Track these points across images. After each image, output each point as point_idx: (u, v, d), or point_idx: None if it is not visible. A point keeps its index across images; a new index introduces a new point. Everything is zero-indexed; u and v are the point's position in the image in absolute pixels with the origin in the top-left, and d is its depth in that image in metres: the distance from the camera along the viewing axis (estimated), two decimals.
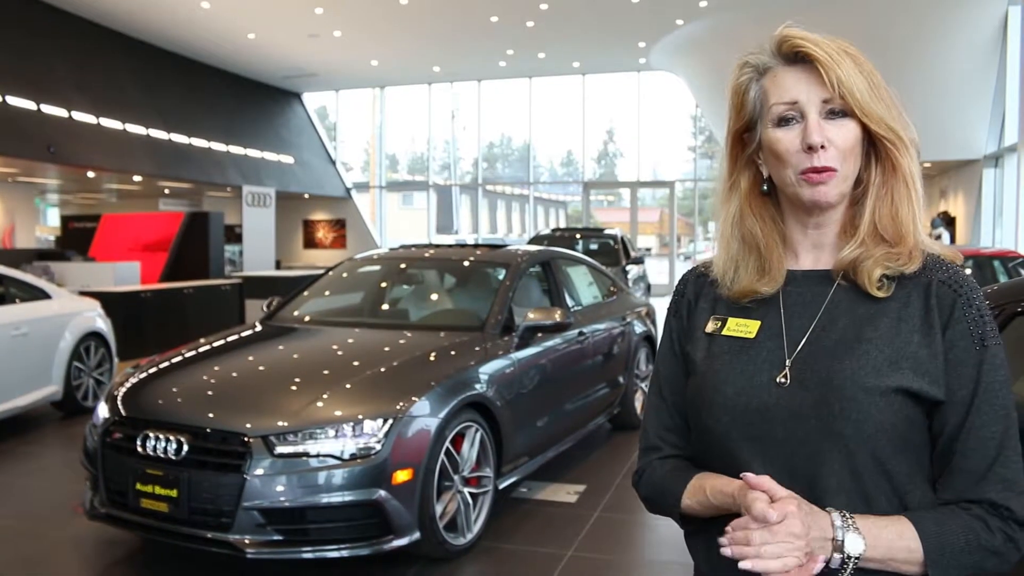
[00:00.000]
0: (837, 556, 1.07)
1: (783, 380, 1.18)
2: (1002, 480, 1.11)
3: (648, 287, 14.97)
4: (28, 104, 13.61)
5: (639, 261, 14.26)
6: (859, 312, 1.19)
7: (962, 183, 18.29)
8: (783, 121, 1.19)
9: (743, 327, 1.26)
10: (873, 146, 1.20)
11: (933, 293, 1.16)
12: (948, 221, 18.15)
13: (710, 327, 1.30)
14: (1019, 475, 1.12)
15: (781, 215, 1.28)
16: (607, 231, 14.85)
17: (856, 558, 1.07)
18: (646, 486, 1.35)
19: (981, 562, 1.09)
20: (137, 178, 17.42)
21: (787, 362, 1.19)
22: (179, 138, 17.49)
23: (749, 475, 1.09)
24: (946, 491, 1.14)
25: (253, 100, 21.66)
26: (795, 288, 1.25)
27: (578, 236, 14.34)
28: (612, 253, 13.48)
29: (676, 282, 1.46)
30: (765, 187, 1.27)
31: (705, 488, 1.21)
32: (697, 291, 1.36)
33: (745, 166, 1.28)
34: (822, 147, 1.15)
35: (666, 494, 1.29)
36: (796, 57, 1.19)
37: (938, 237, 16.70)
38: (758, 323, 1.25)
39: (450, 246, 6.61)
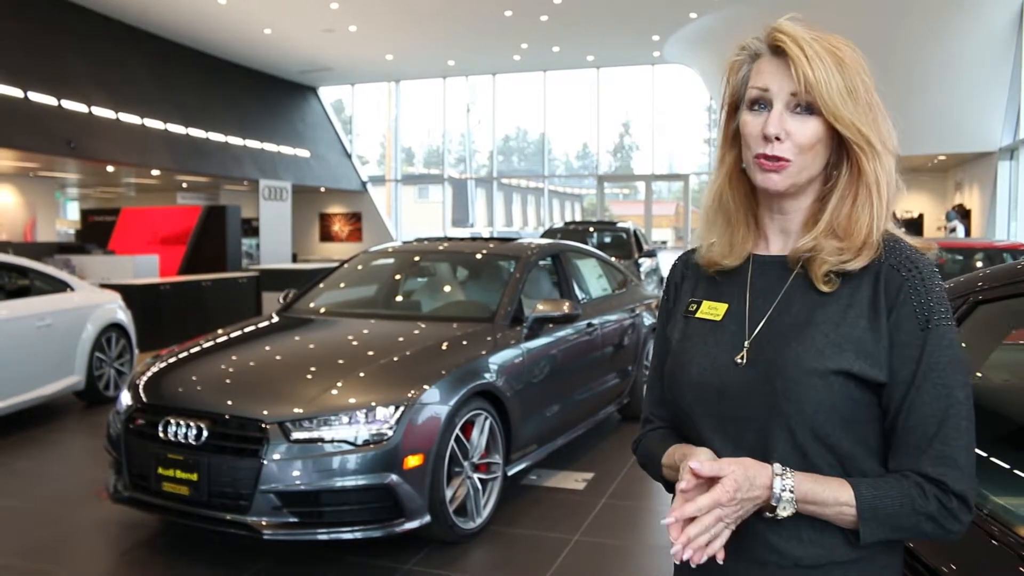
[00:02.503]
0: (768, 515, 1.19)
1: (740, 361, 1.28)
2: (940, 456, 1.17)
3: (661, 280, 15.00)
4: (49, 100, 13.82)
5: (652, 254, 14.31)
6: (813, 297, 1.27)
7: (977, 176, 18.23)
8: (754, 105, 1.27)
9: (713, 310, 1.36)
10: (846, 146, 1.26)
11: (882, 278, 1.23)
12: (963, 214, 18.10)
13: (687, 310, 1.41)
14: (958, 452, 1.17)
15: (756, 197, 1.36)
16: (620, 224, 14.91)
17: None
18: (640, 454, 1.48)
19: (917, 525, 1.17)
20: (155, 172, 17.63)
21: (745, 344, 1.29)
22: (196, 133, 17.67)
23: (693, 464, 1.17)
24: (890, 464, 1.23)
25: (269, 95, 21.83)
26: (761, 273, 1.34)
27: (591, 229, 14.38)
28: (624, 246, 13.54)
29: None
30: (744, 164, 1.33)
31: (675, 455, 1.33)
32: (683, 275, 1.47)
33: (732, 144, 1.36)
34: (777, 138, 1.23)
35: (654, 460, 1.42)
36: (779, 48, 1.26)
37: (952, 230, 16.71)
38: (726, 306, 1.35)
39: (463, 239, 6.72)
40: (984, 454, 1.95)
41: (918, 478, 1.18)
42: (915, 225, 19.61)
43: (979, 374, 2.23)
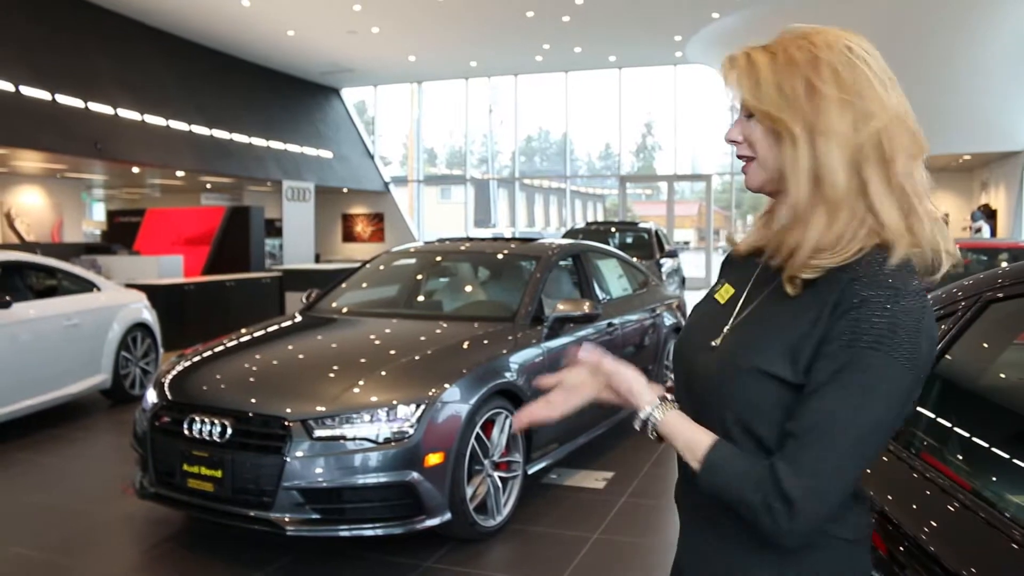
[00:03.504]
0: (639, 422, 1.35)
1: (715, 344, 1.36)
2: (794, 459, 1.17)
3: (683, 280, 14.97)
4: (76, 102, 14.00)
5: (673, 254, 14.28)
6: (779, 297, 1.29)
7: (1003, 175, 18.04)
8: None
9: (725, 293, 1.44)
10: None
11: (840, 290, 1.21)
12: (989, 214, 17.92)
13: (712, 289, 1.51)
14: (817, 463, 1.16)
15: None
16: (641, 225, 14.91)
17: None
18: None
19: (737, 502, 1.20)
20: (180, 173, 17.81)
21: (724, 330, 1.36)
22: (220, 134, 17.83)
23: (583, 353, 1.40)
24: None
25: (292, 96, 21.98)
26: (767, 266, 1.37)
27: (613, 230, 14.38)
28: (646, 246, 13.54)
29: (714, 275, 1.65)
30: None
31: None
32: (727, 260, 1.55)
33: None
34: (736, 142, 1.37)
35: None
36: None
37: (978, 230, 16.51)
38: (732, 291, 1.43)
39: (484, 239, 6.75)
40: (1006, 455, 1.94)
41: (766, 470, 1.18)
42: None
43: (1002, 375, 2.23)
